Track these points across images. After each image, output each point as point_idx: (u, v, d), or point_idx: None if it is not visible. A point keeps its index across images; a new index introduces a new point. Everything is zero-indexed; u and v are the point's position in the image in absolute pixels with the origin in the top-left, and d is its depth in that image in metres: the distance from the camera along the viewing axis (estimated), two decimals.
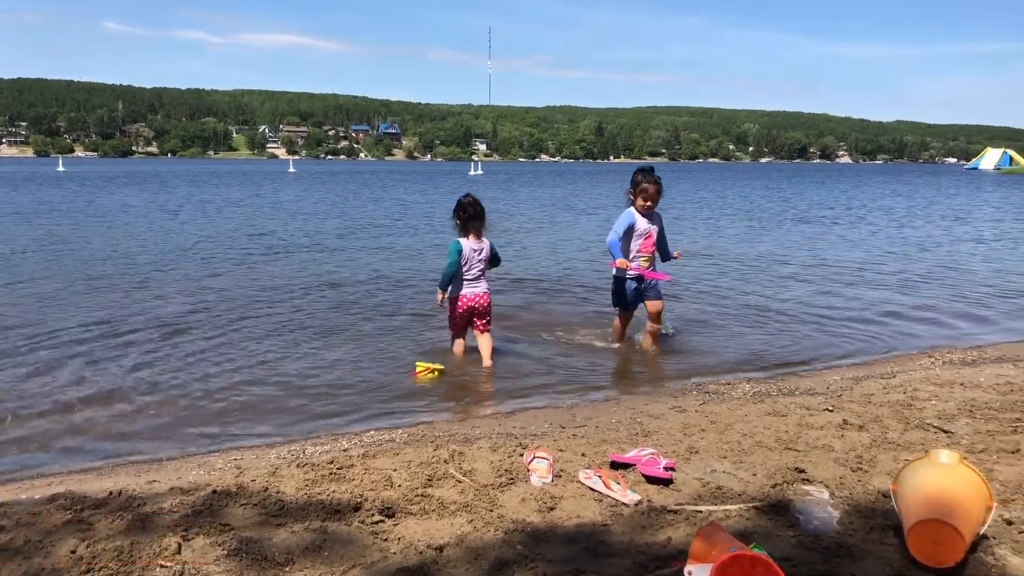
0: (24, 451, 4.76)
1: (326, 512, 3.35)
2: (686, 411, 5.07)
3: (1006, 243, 17.29)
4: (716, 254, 14.60)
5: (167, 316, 8.53)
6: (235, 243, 15.88)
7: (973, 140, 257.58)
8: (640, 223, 7.00)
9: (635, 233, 7.00)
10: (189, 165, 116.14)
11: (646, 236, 7.04)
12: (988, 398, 5.12)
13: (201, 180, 53.37)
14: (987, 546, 2.96)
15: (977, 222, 23.28)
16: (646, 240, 7.05)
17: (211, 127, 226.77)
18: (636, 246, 7.04)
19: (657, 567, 2.85)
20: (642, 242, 7.03)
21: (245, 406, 5.63)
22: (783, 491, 3.56)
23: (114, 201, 29.74)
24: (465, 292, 6.72)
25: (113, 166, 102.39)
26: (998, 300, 10.06)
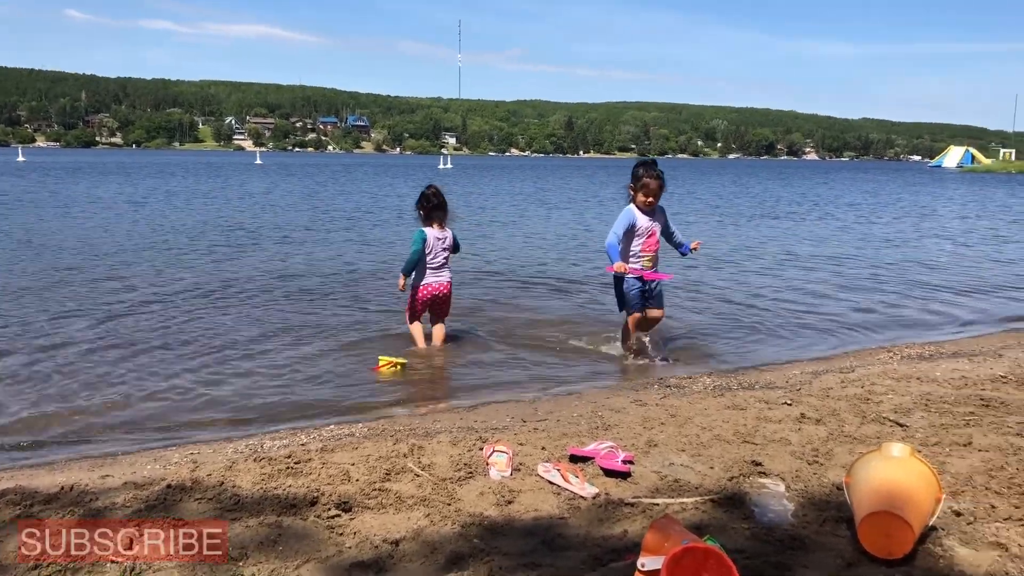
0: None
1: (282, 506, 3.33)
2: (647, 405, 5.10)
3: (969, 240, 17.58)
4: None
5: (127, 308, 8.42)
6: (200, 235, 15.70)
7: (937, 138, 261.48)
8: (641, 221, 6.57)
9: (636, 232, 6.59)
10: (154, 156, 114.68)
11: (648, 235, 6.61)
12: (943, 392, 5.19)
13: (167, 172, 52.69)
14: (936, 537, 3.00)
15: (942, 219, 23.66)
16: (648, 239, 6.62)
17: (177, 118, 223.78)
18: (638, 246, 6.62)
19: (612, 560, 2.86)
20: (644, 241, 6.61)
21: (204, 400, 5.57)
22: (739, 484, 3.59)
23: (79, 192, 29.31)
24: (428, 281, 6.80)
25: (76, 156, 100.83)
26: (958, 296, 10.22)
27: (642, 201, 6.55)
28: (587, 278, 11.15)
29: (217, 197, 28.10)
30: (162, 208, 22.50)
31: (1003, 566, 2.77)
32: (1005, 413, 4.65)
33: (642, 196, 6.53)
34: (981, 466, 3.76)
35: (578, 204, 28.42)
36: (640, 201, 6.56)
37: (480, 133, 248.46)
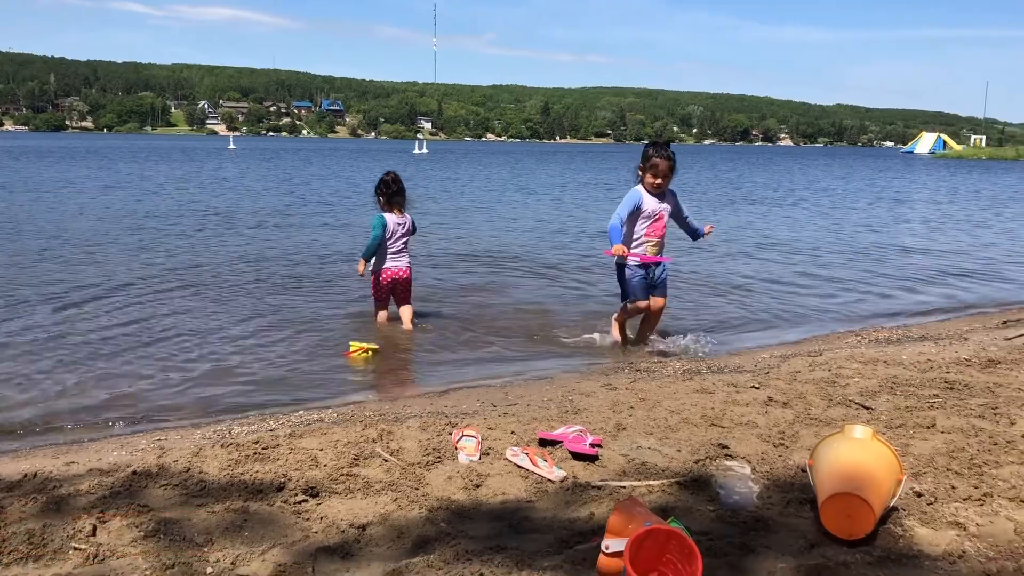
0: None
1: (248, 492, 3.32)
2: (617, 389, 5.12)
3: (941, 226, 17.77)
4: None
5: (96, 293, 8.34)
6: (172, 220, 15.55)
7: (909, 124, 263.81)
8: (648, 203, 6.25)
9: (642, 215, 6.26)
10: (126, 141, 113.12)
11: (655, 218, 6.29)
12: (909, 375, 5.25)
13: (141, 156, 52.13)
14: (897, 517, 3.04)
15: (915, 204, 23.89)
16: (655, 223, 6.30)
17: (148, 102, 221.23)
18: (643, 229, 6.30)
19: (578, 542, 2.88)
20: (650, 225, 6.29)
21: (173, 386, 5.53)
22: (706, 467, 3.62)
23: (51, 176, 28.90)
24: (388, 266, 6.92)
25: (47, 140, 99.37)
26: (929, 281, 10.34)
27: (650, 183, 6.26)
28: (563, 263, 11.18)
29: (190, 182, 27.82)
30: (136, 193, 22.23)
31: (960, 545, 2.82)
32: (968, 395, 4.72)
33: (650, 177, 6.24)
34: (943, 448, 3.81)
35: (556, 189, 28.43)
36: (648, 183, 6.27)
37: (456, 118, 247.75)
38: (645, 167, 6.27)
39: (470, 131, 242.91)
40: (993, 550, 2.78)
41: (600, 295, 8.86)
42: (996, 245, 14.38)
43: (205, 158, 52.27)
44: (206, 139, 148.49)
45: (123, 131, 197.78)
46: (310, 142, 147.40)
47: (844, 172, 48.87)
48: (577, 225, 16.39)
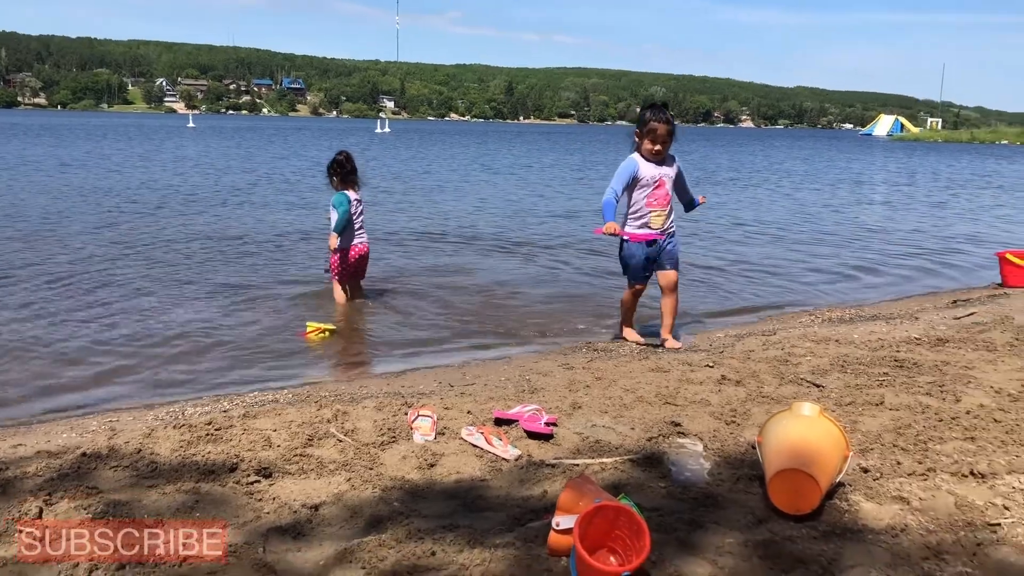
0: None
1: (200, 473, 3.29)
2: (573, 368, 5.15)
3: (898, 206, 18.06)
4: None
5: (51, 269, 8.23)
6: (132, 198, 15.29)
7: (868, 107, 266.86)
8: (645, 169, 5.75)
9: (640, 183, 5.77)
10: (82, 118, 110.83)
11: (655, 185, 5.76)
12: (859, 354, 5.34)
13: (98, 134, 51.14)
14: (842, 493, 3.10)
15: (874, 185, 24.27)
16: (656, 190, 5.78)
17: (104, 79, 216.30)
18: (644, 199, 5.79)
19: (531, 519, 2.90)
20: (650, 193, 5.78)
21: (127, 366, 5.47)
22: (658, 444, 3.66)
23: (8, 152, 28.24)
24: (356, 242, 7.01)
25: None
26: (881, 260, 10.51)
27: (648, 149, 5.74)
28: (530, 242, 11.19)
29: (151, 160, 27.40)
30: (97, 172, 21.81)
31: (903, 519, 2.89)
32: (917, 373, 4.81)
33: (648, 143, 5.73)
34: (891, 424, 3.89)
35: (521, 170, 28.40)
36: (647, 150, 5.75)
37: (419, 97, 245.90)
38: (642, 132, 5.77)
39: (433, 110, 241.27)
40: (934, 523, 2.85)
41: (569, 275, 8.90)
42: (951, 226, 14.65)
43: (165, 136, 51.39)
44: (164, 117, 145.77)
45: (78, 108, 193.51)
46: (271, 120, 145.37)
47: (806, 154, 49.36)
48: (545, 205, 16.41)
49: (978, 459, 3.38)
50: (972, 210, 17.83)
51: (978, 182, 27.70)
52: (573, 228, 12.96)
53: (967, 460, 3.37)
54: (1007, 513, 2.91)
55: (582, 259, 9.99)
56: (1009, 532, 2.77)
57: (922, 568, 2.54)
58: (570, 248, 10.84)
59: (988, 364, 4.94)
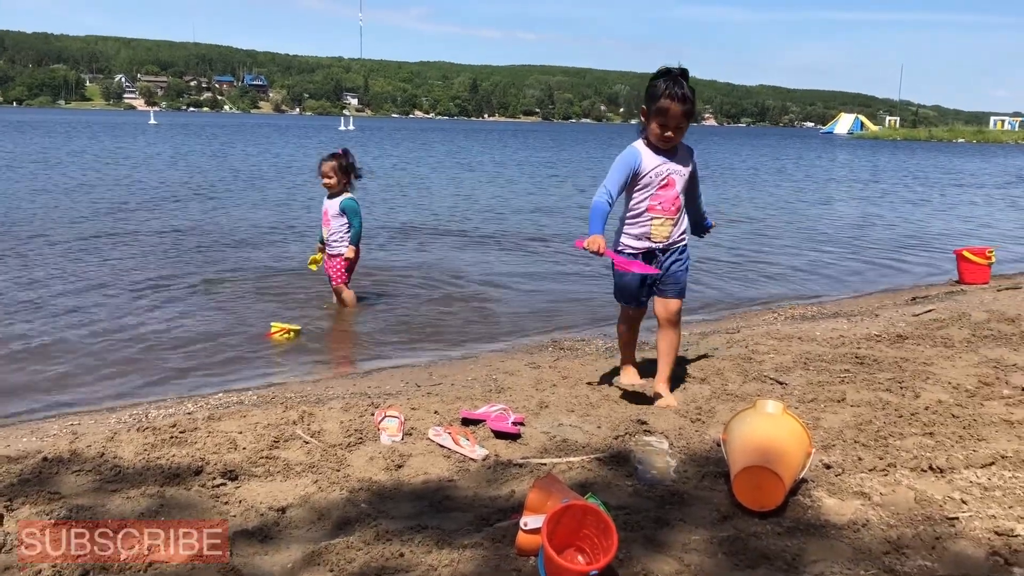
0: None
1: (165, 477, 3.25)
2: (540, 367, 5.17)
3: (857, 202, 18.32)
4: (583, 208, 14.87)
5: (8, 266, 8.03)
6: (100, 195, 15.04)
7: (829, 105, 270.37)
8: (648, 161, 4.18)
9: (641, 180, 4.21)
10: (41, 114, 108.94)
11: (662, 183, 4.20)
12: (821, 351, 5.42)
13: (59, 130, 50.34)
14: (806, 489, 3.15)
15: (837, 182, 24.62)
16: (663, 188, 4.21)
17: (61, 75, 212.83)
18: (645, 200, 4.23)
19: (498, 520, 2.90)
20: (654, 194, 4.22)
21: (88, 368, 5.39)
22: (625, 442, 3.68)
23: None
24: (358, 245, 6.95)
25: None
26: (844, 256, 10.67)
27: (656, 134, 4.13)
28: (499, 236, 11.18)
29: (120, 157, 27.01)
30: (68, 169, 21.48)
31: (865, 513, 2.94)
32: (877, 370, 4.89)
33: (656, 127, 4.11)
34: (852, 420, 3.95)
35: (495, 165, 28.41)
36: (654, 134, 4.15)
37: (383, 94, 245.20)
38: (650, 111, 4.13)
39: (397, 108, 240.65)
40: (894, 518, 2.90)
41: (548, 273, 8.91)
42: (912, 222, 14.91)
43: (132, 133, 50.66)
44: (124, 114, 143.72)
45: (34, 105, 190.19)
46: (233, 118, 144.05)
47: (769, 151, 49.85)
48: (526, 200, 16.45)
49: (936, 454, 3.45)
50: (933, 206, 18.17)
51: (942, 179, 28.23)
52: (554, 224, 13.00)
53: (926, 455, 3.44)
54: (964, 507, 2.98)
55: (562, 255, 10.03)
56: (967, 526, 2.84)
57: (883, 562, 2.59)
58: (551, 242, 10.88)
59: (946, 360, 5.04)
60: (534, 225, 13.11)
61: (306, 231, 11.31)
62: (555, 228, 12.69)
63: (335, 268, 6.90)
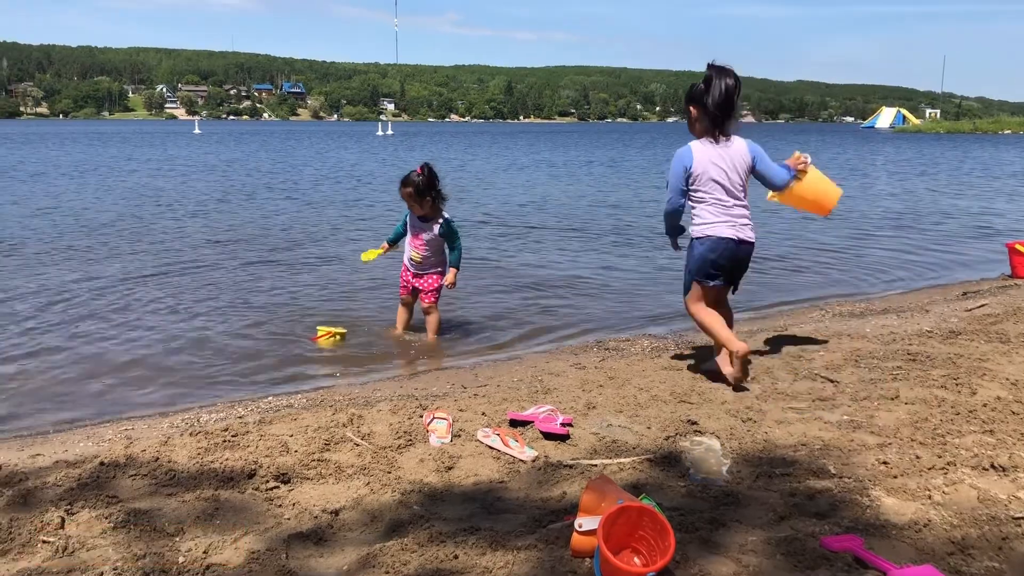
0: None
1: (219, 480, 3.29)
2: (586, 368, 5.14)
3: (904, 196, 18.01)
4: (623, 206, 14.80)
5: (60, 282, 8.19)
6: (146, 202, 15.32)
7: (869, 100, 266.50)
8: (702, 157, 4.48)
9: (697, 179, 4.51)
10: (88, 126, 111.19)
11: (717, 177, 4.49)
12: (872, 348, 5.33)
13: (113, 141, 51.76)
14: (863, 488, 3.09)
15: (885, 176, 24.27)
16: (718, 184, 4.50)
17: (105, 87, 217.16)
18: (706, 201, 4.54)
19: (551, 521, 2.89)
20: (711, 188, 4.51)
21: (139, 374, 5.47)
22: (676, 443, 3.65)
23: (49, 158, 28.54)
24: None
25: (8, 127, 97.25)
26: (891, 251, 10.49)
27: (700, 129, 4.52)
28: (538, 232, 11.16)
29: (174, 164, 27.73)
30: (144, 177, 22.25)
31: (926, 513, 2.87)
32: (930, 367, 4.80)
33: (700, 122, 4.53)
34: (907, 419, 3.88)
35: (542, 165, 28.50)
36: (698, 130, 4.53)
37: (419, 99, 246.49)
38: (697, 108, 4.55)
39: (433, 112, 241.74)
40: (957, 518, 2.83)
41: (586, 264, 8.87)
42: (961, 216, 14.62)
43: (185, 142, 51.67)
44: (167, 124, 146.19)
45: (80, 116, 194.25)
46: (273, 125, 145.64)
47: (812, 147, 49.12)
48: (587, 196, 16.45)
49: (998, 452, 3.37)
50: (981, 199, 17.80)
51: (989, 171, 27.67)
52: (617, 220, 12.95)
53: (987, 453, 3.36)
54: None
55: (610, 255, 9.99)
56: None
57: (948, 563, 2.53)
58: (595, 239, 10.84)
59: (1002, 356, 4.93)
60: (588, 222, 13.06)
61: (360, 237, 11.42)
62: (599, 226, 12.62)
63: (430, 286, 6.24)
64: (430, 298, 6.25)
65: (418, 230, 6.10)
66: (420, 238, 6.11)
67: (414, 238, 6.13)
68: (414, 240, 6.12)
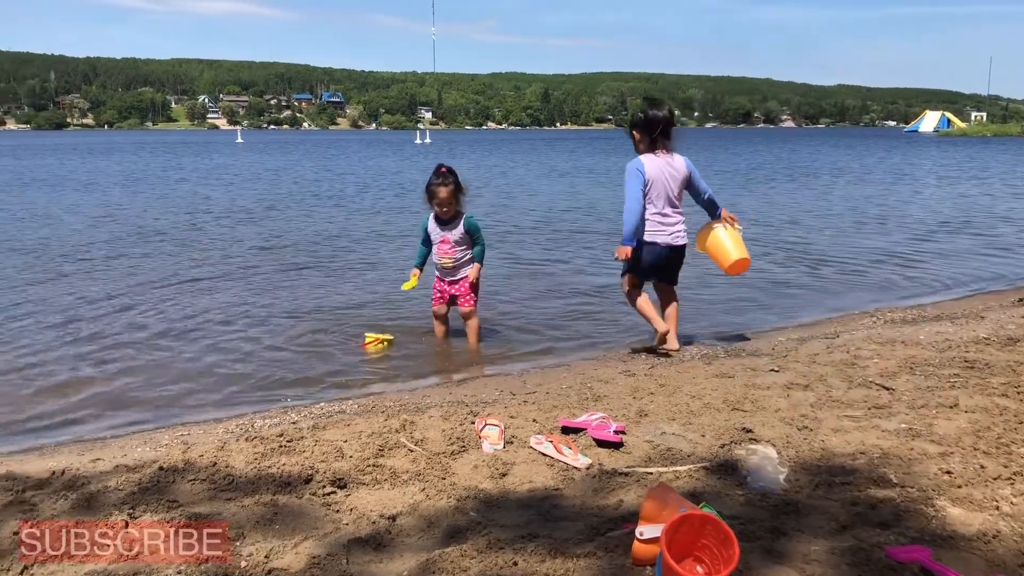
0: None
1: (276, 485, 3.32)
2: (635, 375, 5.11)
3: (952, 201, 17.68)
4: None
5: (111, 289, 8.35)
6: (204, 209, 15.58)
7: (912, 103, 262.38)
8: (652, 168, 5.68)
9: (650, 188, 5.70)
10: (132, 136, 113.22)
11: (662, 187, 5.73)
12: (928, 355, 5.24)
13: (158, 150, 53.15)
14: (928, 498, 3.03)
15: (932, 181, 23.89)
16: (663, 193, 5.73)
17: (149, 97, 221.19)
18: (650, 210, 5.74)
19: (609, 529, 2.87)
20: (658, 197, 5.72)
21: (192, 381, 5.54)
22: (731, 451, 3.61)
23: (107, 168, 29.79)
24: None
25: (55, 138, 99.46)
26: (939, 259, 10.30)
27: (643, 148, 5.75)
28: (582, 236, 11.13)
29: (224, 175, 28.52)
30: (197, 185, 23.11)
31: (995, 524, 2.81)
32: (989, 374, 4.70)
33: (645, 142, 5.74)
34: (968, 427, 3.80)
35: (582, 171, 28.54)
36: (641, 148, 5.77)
37: (456, 107, 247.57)
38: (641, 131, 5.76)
39: (470, 120, 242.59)
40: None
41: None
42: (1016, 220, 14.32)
43: (226, 152, 52.57)
44: (210, 133, 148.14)
45: (124, 127, 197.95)
46: (313, 134, 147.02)
47: (853, 152, 48.46)
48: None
49: None
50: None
51: None
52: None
53: None
54: None
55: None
56: None
57: (1021, 575, 2.47)
58: None
59: None
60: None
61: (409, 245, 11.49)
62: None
63: (465, 291, 6.23)
64: (469, 302, 6.22)
65: (444, 234, 6.10)
66: (447, 241, 6.10)
67: (441, 244, 6.13)
68: (441, 246, 6.14)
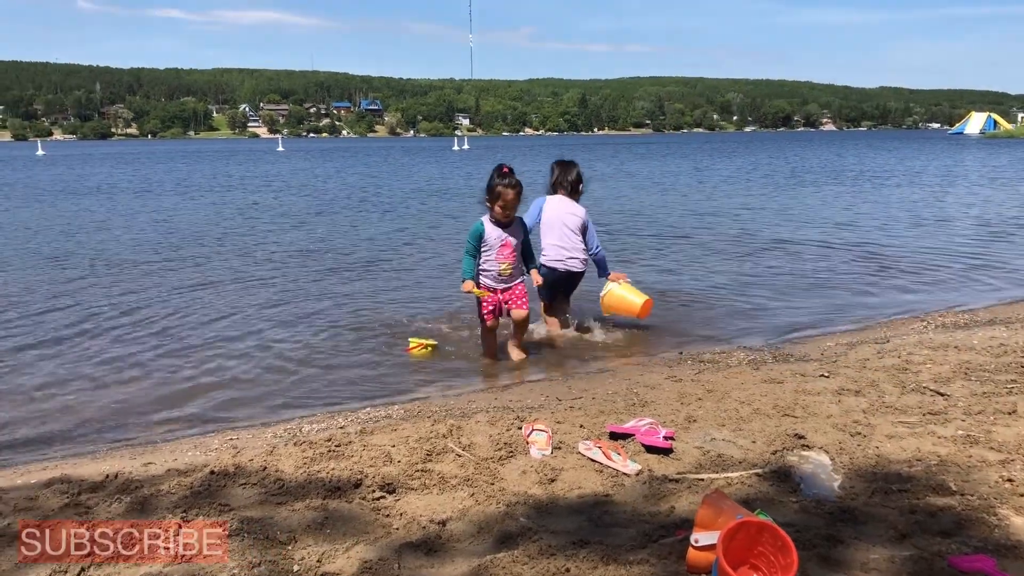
0: (15, 436, 4.71)
1: (326, 490, 3.33)
2: (682, 380, 5.06)
3: (998, 204, 17.34)
4: (716, 212, 14.58)
5: (162, 294, 8.48)
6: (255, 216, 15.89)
7: (956, 105, 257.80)
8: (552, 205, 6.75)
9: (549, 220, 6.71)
10: (176, 145, 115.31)
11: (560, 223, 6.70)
12: (982, 360, 5.12)
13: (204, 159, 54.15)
14: (990, 507, 2.96)
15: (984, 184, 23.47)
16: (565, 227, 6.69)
17: (191, 107, 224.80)
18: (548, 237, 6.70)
19: (662, 536, 2.84)
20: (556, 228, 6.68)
21: (239, 386, 5.59)
22: (783, 457, 3.56)
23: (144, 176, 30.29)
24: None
25: (102, 148, 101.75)
26: (989, 262, 10.08)
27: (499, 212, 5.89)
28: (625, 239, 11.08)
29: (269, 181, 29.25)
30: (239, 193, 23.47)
31: None
32: None
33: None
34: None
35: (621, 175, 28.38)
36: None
37: (493, 113, 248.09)
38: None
39: (508, 126, 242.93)
40: None
41: (677, 275, 8.78)
42: None
43: (269, 160, 53.35)
44: (251, 142, 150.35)
45: (167, 136, 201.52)
46: (352, 142, 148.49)
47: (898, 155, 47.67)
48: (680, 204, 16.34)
49: None
50: None
51: None
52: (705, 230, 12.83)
53: None
54: None
55: (668, 278, 9.86)
56: None
57: None
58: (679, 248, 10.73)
59: None
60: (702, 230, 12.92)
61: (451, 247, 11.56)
62: (691, 242, 12.46)
63: (521, 292, 6.07)
64: (524, 304, 6.04)
65: (507, 237, 5.93)
66: (508, 246, 5.92)
67: (502, 249, 5.91)
68: (503, 251, 5.92)
